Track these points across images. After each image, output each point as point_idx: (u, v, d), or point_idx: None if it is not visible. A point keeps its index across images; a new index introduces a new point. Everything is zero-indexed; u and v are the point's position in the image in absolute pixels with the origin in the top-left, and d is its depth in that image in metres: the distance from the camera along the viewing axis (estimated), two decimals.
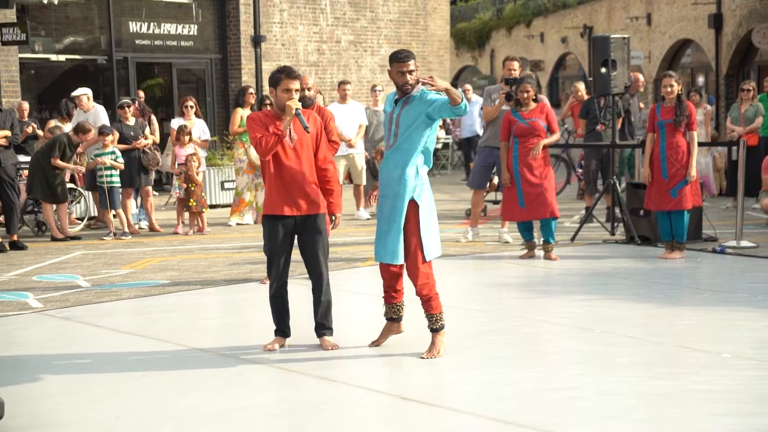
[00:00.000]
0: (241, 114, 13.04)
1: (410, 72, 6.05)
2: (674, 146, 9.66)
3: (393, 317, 6.46)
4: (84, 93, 13.26)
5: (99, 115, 13.15)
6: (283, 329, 6.53)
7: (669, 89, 9.67)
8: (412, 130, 6.05)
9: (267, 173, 6.31)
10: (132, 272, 9.68)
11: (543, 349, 6.60)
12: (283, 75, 6.21)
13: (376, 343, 6.45)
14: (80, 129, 12.15)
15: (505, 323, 7.29)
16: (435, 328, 6.18)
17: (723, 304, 7.67)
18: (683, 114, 9.63)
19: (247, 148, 13.03)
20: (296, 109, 6.16)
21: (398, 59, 6.08)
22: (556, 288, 8.66)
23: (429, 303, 6.16)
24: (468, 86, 19.99)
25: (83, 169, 12.44)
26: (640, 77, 14.93)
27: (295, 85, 6.20)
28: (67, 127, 13.06)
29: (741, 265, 9.54)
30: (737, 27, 25.87)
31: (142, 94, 17.15)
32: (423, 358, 6.06)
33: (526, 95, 9.70)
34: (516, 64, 10.84)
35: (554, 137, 10.00)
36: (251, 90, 13.35)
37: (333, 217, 6.59)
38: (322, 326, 6.51)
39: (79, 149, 12.43)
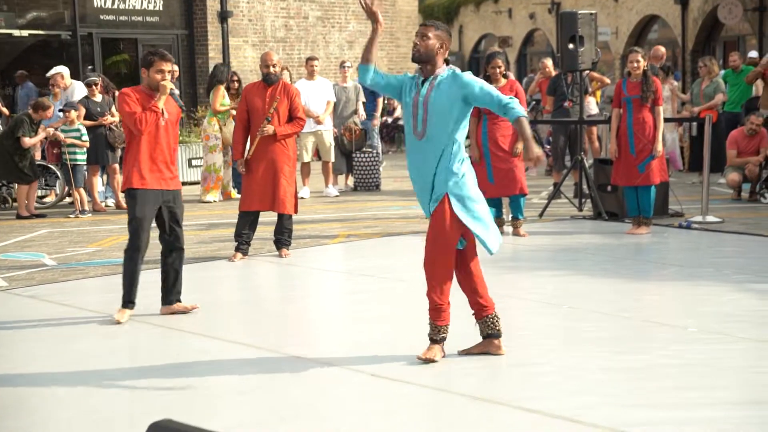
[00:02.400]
0: (223, 92, 12.98)
1: (424, 36, 5.36)
2: (641, 122, 9.69)
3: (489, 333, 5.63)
4: (58, 72, 13.13)
5: (75, 91, 13.02)
6: (133, 300, 6.67)
7: (635, 65, 9.68)
8: (446, 116, 5.30)
9: (134, 149, 6.56)
10: (98, 250, 9.60)
11: (511, 325, 6.60)
12: (156, 57, 6.56)
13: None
14: (39, 106, 12.04)
15: None
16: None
17: (689, 279, 7.73)
18: (650, 90, 9.65)
19: (221, 126, 12.97)
20: (170, 88, 6.54)
21: (420, 25, 5.52)
22: (524, 264, 8.69)
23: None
24: None
25: (52, 131, 12.25)
26: (662, 49, 15.03)
27: (168, 66, 6.56)
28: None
29: (707, 240, 9.62)
30: (703, 3, 25.99)
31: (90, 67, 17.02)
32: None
33: (498, 71, 9.66)
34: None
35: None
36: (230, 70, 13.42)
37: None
38: (179, 293, 6.83)
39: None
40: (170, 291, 6.78)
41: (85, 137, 12.17)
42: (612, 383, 5.11)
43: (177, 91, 6.78)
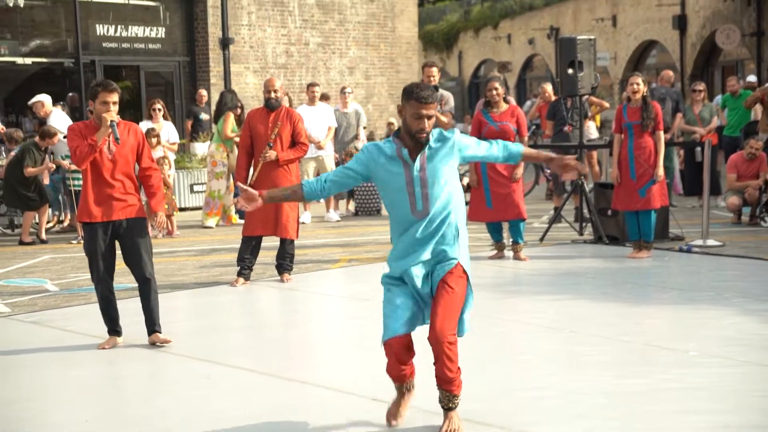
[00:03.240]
0: (233, 119, 13.09)
1: (430, 118, 4.64)
2: (641, 146, 9.74)
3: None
4: (39, 101, 13.19)
5: (53, 119, 13.06)
6: (114, 328, 6.66)
7: (635, 87, 9.73)
8: (447, 185, 4.71)
9: (84, 181, 6.53)
10: None
11: (513, 349, 6.63)
12: (100, 88, 6.47)
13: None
14: (45, 134, 12.12)
15: (474, 323, 7.29)
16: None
17: (690, 303, 7.74)
18: (649, 116, 9.70)
19: (229, 153, 13.05)
20: (111, 121, 6.39)
21: (419, 98, 4.59)
22: (525, 288, 8.70)
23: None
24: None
25: (53, 166, 12.38)
26: (670, 72, 15.11)
27: (113, 97, 6.45)
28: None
29: (707, 263, 9.64)
30: (701, 28, 26.13)
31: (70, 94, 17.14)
32: None
33: (495, 93, 9.72)
34: (435, 70, 10.82)
35: (525, 146, 9.92)
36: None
37: (154, 216, 6.80)
38: (154, 324, 6.67)
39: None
40: (146, 323, 6.70)
41: None
42: (613, 407, 5.12)
43: (117, 120, 6.48)
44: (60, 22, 17.97)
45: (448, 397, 4.75)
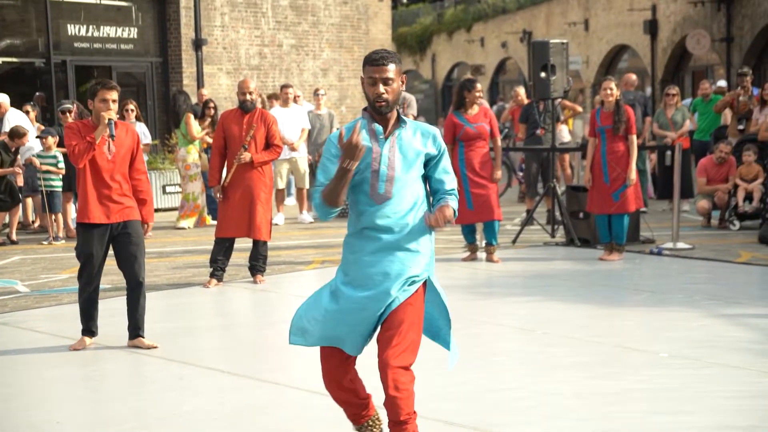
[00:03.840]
0: (193, 119, 13.05)
1: (387, 81, 4.11)
2: (614, 150, 9.82)
3: None
4: None
5: (10, 118, 12.94)
6: (91, 329, 6.64)
7: (608, 92, 9.80)
8: (414, 173, 4.19)
9: (81, 181, 6.47)
10: (72, 277, 9.56)
11: (485, 351, 6.67)
12: (99, 86, 6.42)
13: None
14: (14, 134, 12.05)
15: None
16: None
17: (660, 305, 7.82)
18: (621, 120, 9.77)
19: (201, 153, 13.03)
20: (109, 119, 6.33)
21: (371, 60, 4.12)
22: (498, 290, 8.75)
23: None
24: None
25: (20, 171, 12.29)
26: (633, 76, 15.28)
27: (112, 95, 6.39)
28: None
29: (677, 266, 9.73)
30: (672, 33, 26.36)
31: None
32: None
33: (477, 95, 9.78)
34: None
35: (498, 146, 9.94)
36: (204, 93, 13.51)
37: (145, 226, 6.73)
38: (139, 329, 6.65)
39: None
40: (129, 325, 6.66)
41: (62, 164, 12.16)
42: (584, 408, 5.17)
43: (114, 119, 6.39)
44: (31, 21, 17.84)
45: None
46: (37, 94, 16.98)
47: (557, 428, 4.82)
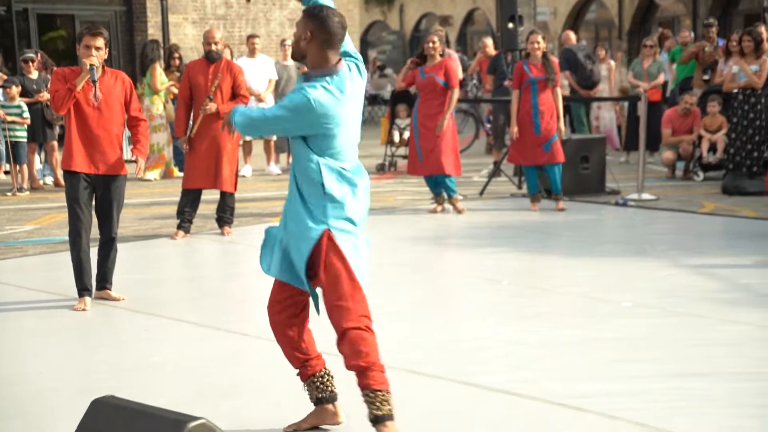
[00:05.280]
0: (160, 70, 12.89)
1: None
2: (546, 102, 9.87)
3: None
4: None
5: None
6: (87, 287, 6.43)
7: (536, 46, 9.84)
8: None
9: (67, 128, 6.37)
10: (37, 228, 9.50)
11: (452, 301, 6.72)
12: (85, 31, 6.33)
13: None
14: None
15: (414, 276, 7.40)
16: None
17: (625, 255, 7.90)
18: (553, 72, 9.85)
19: (165, 104, 12.89)
20: (90, 65, 6.24)
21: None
22: (465, 241, 8.79)
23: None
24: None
25: None
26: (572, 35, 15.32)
27: (96, 42, 6.28)
28: None
29: (642, 217, 9.81)
30: None
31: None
32: None
33: (430, 45, 9.75)
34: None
35: (453, 98, 9.73)
36: (160, 45, 13.26)
37: (137, 160, 6.65)
38: (106, 281, 6.60)
39: None
40: (97, 276, 6.57)
41: (26, 114, 12.01)
42: (550, 357, 5.23)
43: (97, 65, 6.28)
44: None
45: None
46: None
47: (524, 377, 4.87)
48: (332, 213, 4.05)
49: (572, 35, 15.24)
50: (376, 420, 4.00)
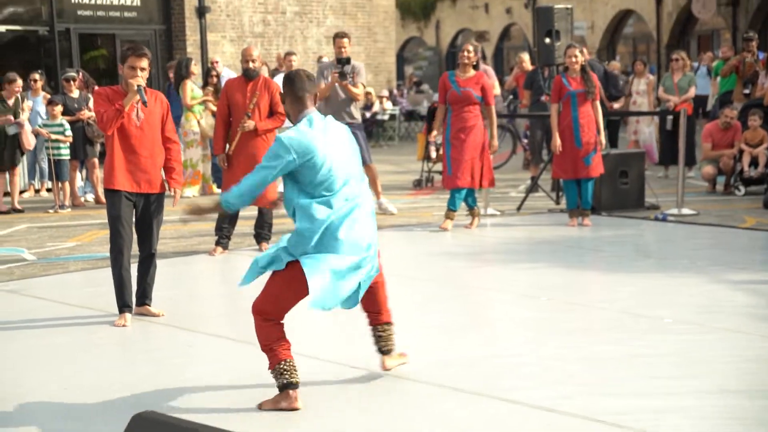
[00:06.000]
0: (191, 86, 13.01)
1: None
2: (587, 115, 9.83)
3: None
4: None
5: None
6: (128, 303, 6.49)
7: (573, 59, 9.81)
8: None
9: (109, 147, 6.43)
10: (78, 245, 9.62)
11: (489, 317, 6.71)
12: (130, 52, 6.36)
13: None
14: (5, 80, 12.09)
15: (451, 291, 7.40)
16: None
17: (664, 271, 7.84)
18: (593, 85, 9.81)
19: (199, 120, 13.00)
20: (138, 86, 6.29)
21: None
22: (502, 256, 8.77)
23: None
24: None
25: (11, 118, 12.14)
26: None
27: (141, 63, 6.33)
28: None
29: (682, 232, 9.74)
30: None
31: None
32: None
33: (466, 54, 9.77)
34: (346, 41, 10.63)
35: (493, 115, 9.84)
36: (194, 61, 13.36)
37: (174, 191, 6.71)
38: (146, 297, 6.69)
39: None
40: (137, 292, 6.64)
41: (69, 132, 12.19)
42: (588, 373, 5.20)
43: (141, 86, 6.34)
44: None
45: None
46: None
47: (561, 393, 4.85)
48: None
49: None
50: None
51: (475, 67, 9.86)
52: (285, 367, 4.69)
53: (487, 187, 9.97)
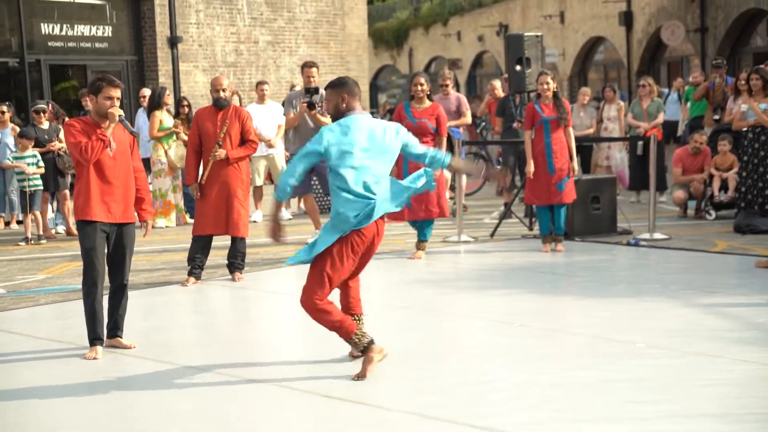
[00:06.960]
0: (160, 117, 12.95)
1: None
2: (560, 141, 9.88)
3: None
4: None
5: None
6: (100, 336, 6.43)
7: (545, 86, 9.86)
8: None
9: (84, 179, 6.38)
10: (49, 277, 9.53)
11: (463, 344, 6.69)
12: (104, 83, 6.36)
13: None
14: None
15: (425, 318, 7.38)
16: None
17: (637, 295, 7.86)
18: (565, 111, 9.86)
19: (167, 150, 12.93)
20: (119, 115, 6.34)
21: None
22: (475, 283, 8.77)
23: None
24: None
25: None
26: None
27: (117, 93, 6.36)
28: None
29: (654, 256, 9.79)
30: (647, 24, 26.48)
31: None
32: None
33: (418, 88, 9.76)
34: (314, 70, 10.64)
35: (442, 146, 9.66)
36: (168, 92, 13.29)
37: (145, 224, 6.72)
38: (117, 329, 6.63)
39: None
40: (108, 324, 6.56)
41: (41, 163, 12.15)
42: (563, 399, 5.19)
43: (122, 115, 6.45)
44: (4, 20, 17.74)
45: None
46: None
47: (535, 419, 4.84)
48: None
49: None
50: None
51: (429, 98, 9.80)
52: (358, 335, 5.62)
53: (437, 216, 9.90)
